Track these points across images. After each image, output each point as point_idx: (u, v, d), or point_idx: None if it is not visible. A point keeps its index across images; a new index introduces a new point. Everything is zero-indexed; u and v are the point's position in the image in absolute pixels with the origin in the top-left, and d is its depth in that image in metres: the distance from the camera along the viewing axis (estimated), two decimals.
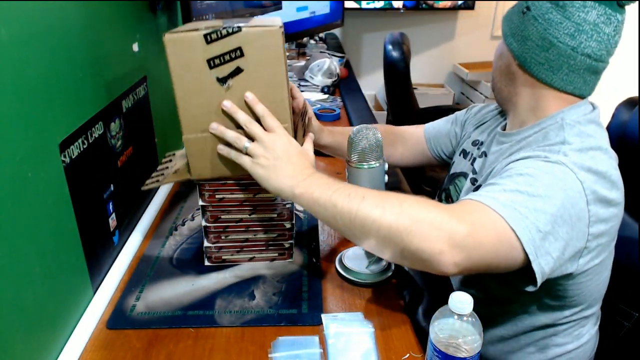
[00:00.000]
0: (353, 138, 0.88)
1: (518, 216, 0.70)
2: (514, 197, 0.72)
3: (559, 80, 0.83)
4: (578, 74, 0.82)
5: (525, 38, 0.83)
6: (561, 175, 0.74)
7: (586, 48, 0.80)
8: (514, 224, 0.69)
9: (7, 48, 0.62)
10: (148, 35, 1.17)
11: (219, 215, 0.94)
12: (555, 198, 0.72)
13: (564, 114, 0.84)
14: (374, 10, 3.85)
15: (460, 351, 0.63)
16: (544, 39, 0.81)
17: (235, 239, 0.97)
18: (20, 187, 0.65)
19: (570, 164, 0.75)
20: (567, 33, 0.80)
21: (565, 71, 0.82)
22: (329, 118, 1.85)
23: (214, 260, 0.98)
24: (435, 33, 4.07)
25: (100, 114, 0.89)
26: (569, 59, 0.81)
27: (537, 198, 0.72)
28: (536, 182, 0.73)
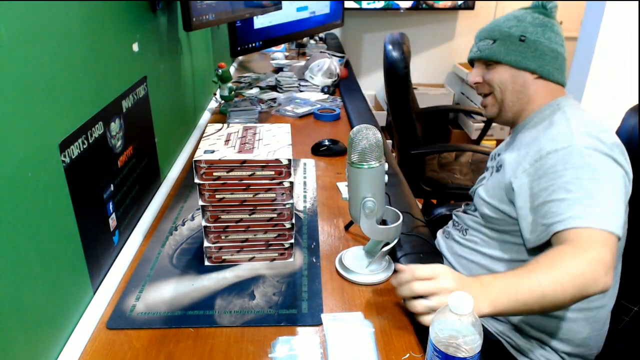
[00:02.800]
0: (353, 138, 0.88)
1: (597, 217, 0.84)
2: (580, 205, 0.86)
3: (563, 78, 1.07)
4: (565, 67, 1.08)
5: (542, 54, 1.03)
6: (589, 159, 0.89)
7: (565, 48, 1.07)
8: (601, 226, 0.84)
9: (7, 48, 0.62)
10: (148, 35, 1.17)
11: (219, 215, 0.94)
12: (601, 179, 0.88)
13: (559, 101, 1.04)
14: (374, 10, 3.85)
15: (460, 351, 0.63)
16: (552, 50, 1.04)
17: (235, 239, 0.97)
18: (20, 187, 0.65)
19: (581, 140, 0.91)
20: (560, 43, 1.05)
21: (564, 69, 1.07)
22: (329, 118, 1.85)
23: (214, 260, 0.98)
24: (435, 33, 4.07)
25: (100, 114, 0.89)
26: (565, 59, 1.06)
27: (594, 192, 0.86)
28: (582, 182, 0.88)
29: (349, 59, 2.73)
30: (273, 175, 0.92)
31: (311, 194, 1.28)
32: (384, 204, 0.94)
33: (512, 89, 1.06)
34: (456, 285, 0.79)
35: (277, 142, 0.97)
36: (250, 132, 1.03)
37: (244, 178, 0.91)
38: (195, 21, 1.25)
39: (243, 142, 0.97)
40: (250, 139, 0.99)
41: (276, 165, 0.91)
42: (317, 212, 1.19)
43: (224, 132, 1.03)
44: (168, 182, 1.30)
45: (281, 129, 1.06)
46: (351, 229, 1.13)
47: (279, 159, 0.91)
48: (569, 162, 0.90)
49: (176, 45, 1.45)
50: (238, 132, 1.03)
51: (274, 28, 2.18)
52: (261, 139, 0.99)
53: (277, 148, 0.94)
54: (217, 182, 0.91)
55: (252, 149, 0.94)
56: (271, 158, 0.90)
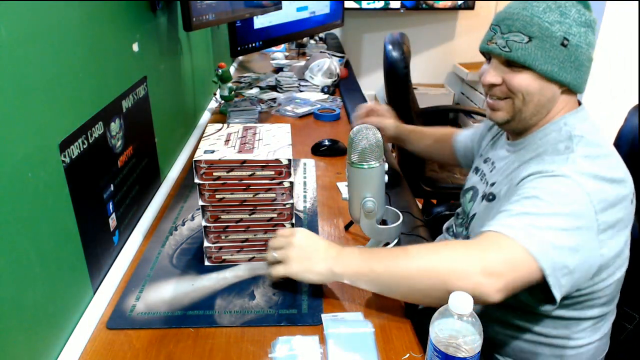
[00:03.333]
0: (353, 138, 0.88)
1: (528, 236, 0.76)
2: (522, 219, 0.78)
3: (585, 85, 0.92)
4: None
5: (580, 65, 0.88)
6: (565, 190, 0.79)
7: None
8: (526, 244, 0.75)
9: (7, 48, 0.62)
10: (148, 35, 1.17)
11: (219, 215, 0.94)
12: (561, 214, 0.77)
13: (566, 119, 0.91)
14: (374, 10, 3.85)
15: (460, 351, 0.63)
16: (589, 59, 0.89)
17: (235, 239, 0.97)
18: (20, 187, 0.65)
19: (575, 175, 0.79)
20: (594, 45, 0.89)
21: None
22: (329, 118, 1.85)
23: (214, 260, 0.98)
24: (435, 33, 4.07)
25: (100, 114, 0.89)
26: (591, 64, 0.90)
27: (544, 216, 0.77)
28: (541, 202, 0.79)
29: (349, 59, 2.73)
30: (273, 175, 0.91)
31: (311, 194, 1.28)
32: (384, 204, 0.94)
33: (537, 101, 0.89)
34: (306, 243, 0.86)
35: (277, 142, 0.97)
36: (250, 132, 1.03)
37: (244, 178, 0.91)
38: (195, 21, 1.25)
39: (243, 142, 0.97)
40: (251, 139, 0.98)
41: (276, 165, 0.91)
42: (317, 212, 1.19)
43: (224, 132, 1.03)
44: (168, 182, 1.30)
45: (281, 129, 1.05)
46: (351, 229, 1.13)
47: (279, 159, 0.90)
48: (542, 183, 0.81)
49: (176, 45, 1.45)
50: (238, 132, 1.03)
51: (274, 28, 2.18)
52: (261, 139, 0.99)
53: (277, 148, 0.94)
54: (217, 182, 0.91)
55: (252, 149, 0.93)
56: (271, 158, 0.90)
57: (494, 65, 0.91)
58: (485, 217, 0.95)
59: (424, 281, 0.78)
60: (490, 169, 1.05)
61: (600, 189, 0.79)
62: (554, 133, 0.90)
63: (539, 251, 0.75)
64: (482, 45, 0.93)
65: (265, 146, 0.95)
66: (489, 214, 0.93)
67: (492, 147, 1.10)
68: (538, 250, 0.75)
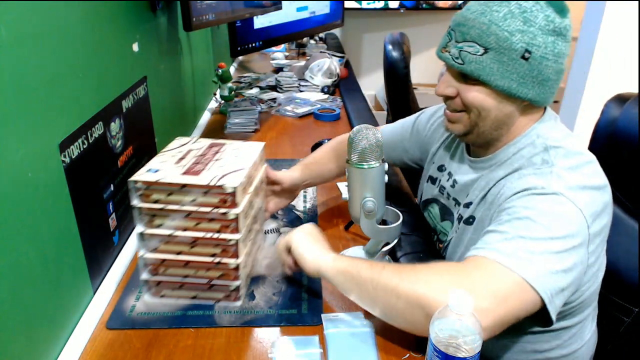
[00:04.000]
0: (353, 138, 0.88)
1: (524, 263, 0.70)
2: (516, 244, 0.72)
3: (553, 97, 0.83)
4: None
5: (544, 80, 0.79)
6: (560, 209, 0.74)
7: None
8: (522, 273, 0.69)
9: (7, 48, 0.62)
10: (148, 35, 1.17)
11: (158, 244, 0.83)
12: (558, 237, 0.72)
13: (537, 130, 0.84)
14: (374, 10, 3.85)
15: (460, 351, 0.63)
16: (558, 72, 0.79)
17: (174, 273, 0.85)
18: (20, 187, 0.65)
19: (568, 191, 0.75)
20: (567, 54, 0.79)
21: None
22: (329, 118, 1.85)
23: (154, 294, 0.88)
24: (435, 33, 4.07)
25: (100, 114, 0.89)
26: (563, 74, 0.81)
27: (540, 241, 0.72)
28: (536, 225, 0.73)
29: (349, 59, 2.73)
30: (216, 203, 0.80)
31: (311, 194, 1.28)
32: (384, 204, 0.94)
33: (495, 117, 0.82)
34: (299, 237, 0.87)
35: (234, 164, 0.86)
36: (213, 150, 0.92)
37: (185, 204, 0.80)
38: (195, 21, 1.25)
39: (198, 161, 0.87)
40: (208, 158, 0.88)
41: (219, 193, 0.79)
42: (317, 212, 1.19)
43: (186, 147, 0.93)
44: None
45: (251, 148, 0.95)
46: (351, 229, 1.13)
47: (223, 186, 0.79)
48: (535, 202, 0.75)
49: (176, 45, 1.45)
50: (201, 149, 0.93)
51: (274, 28, 2.18)
52: (220, 159, 0.89)
53: (228, 171, 0.83)
54: (156, 207, 0.80)
55: (201, 171, 0.83)
56: (214, 184, 0.79)
57: (448, 76, 0.84)
58: (464, 240, 0.90)
59: (403, 300, 0.72)
60: (450, 183, 0.98)
61: (590, 200, 0.75)
62: (529, 147, 0.83)
63: (538, 280, 0.69)
64: (438, 51, 0.85)
65: (218, 168, 0.85)
66: (469, 236, 0.89)
67: (446, 154, 1.02)
68: (536, 280, 0.69)
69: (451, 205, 0.98)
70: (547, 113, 0.87)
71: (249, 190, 0.88)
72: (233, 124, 1.70)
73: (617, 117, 1.07)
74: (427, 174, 1.09)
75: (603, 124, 1.10)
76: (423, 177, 1.11)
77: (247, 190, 0.86)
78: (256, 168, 0.94)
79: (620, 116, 1.07)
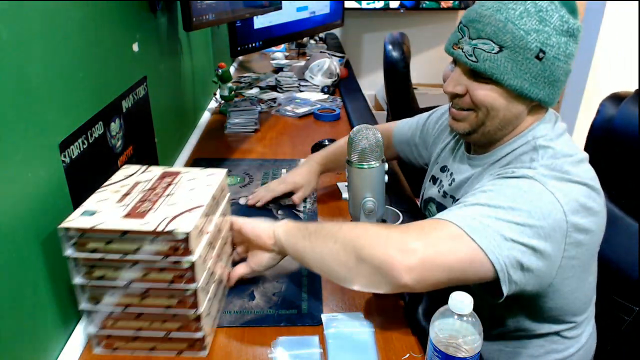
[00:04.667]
0: (353, 138, 0.88)
1: (478, 226, 0.69)
2: (474, 210, 0.71)
3: (558, 98, 0.83)
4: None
5: (555, 81, 0.78)
6: (527, 187, 0.73)
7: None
8: (473, 234, 0.68)
9: (7, 48, 0.62)
10: (148, 35, 1.17)
11: (101, 297, 0.72)
12: (521, 210, 0.70)
13: (535, 131, 0.84)
14: (374, 10, 3.85)
15: (460, 351, 0.63)
16: (567, 73, 0.79)
17: (125, 326, 0.74)
18: (20, 187, 0.65)
19: (539, 176, 0.74)
20: (575, 55, 0.79)
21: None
22: (329, 118, 1.85)
23: (105, 347, 0.76)
24: (435, 33, 4.07)
25: (100, 114, 0.89)
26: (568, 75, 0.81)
27: (499, 209, 0.70)
28: (499, 196, 0.72)
29: (349, 59, 2.73)
30: (166, 251, 0.67)
31: (311, 194, 1.28)
32: (384, 204, 0.94)
33: (503, 117, 0.82)
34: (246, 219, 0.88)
35: (188, 201, 0.73)
36: (165, 182, 0.79)
37: (129, 252, 0.68)
38: (195, 21, 1.25)
39: (145, 197, 0.74)
40: (159, 193, 0.76)
41: (169, 240, 0.67)
42: (317, 212, 1.19)
43: (133, 178, 0.81)
44: None
45: (211, 178, 0.82)
46: None
47: (173, 232, 0.66)
48: (502, 181, 0.75)
49: (176, 45, 1.45)
50: (151, 181, 0.80)
51: (274, 28, 2.18)
52: (172, 193, 0.76)
53: (180, 211, 0.70)
54: (94, 256, 0.68)
55: (147, 212, 0.70)
56: (162, 229, 0.66)
57: (458, 73, 0.83)
58: None
59: (339, 246, 0.72)
60: (449, 181, 0.98)
61: (568, 189, 0.73)
62: (523, 146, 0.83)
63: (486, 242, 0.67)
64: (447, 47, 0.84)
65: (168, 207, 0.71)
66: None
67: (449, 155, 1.03)
68: (484, 240, 0.67)
69: (448, 204, 0.99)
70: (549, 113, 0.87)
71: (208, 229, 0.75)
72: (233, 124, 1.70)
73: (613, 116, 1.07)
74: (430, 173, 1.09)
75: (599, 123, 1.10)
76: (426, 176, 1.12)
77: (205, 230, 0.73)
78: (217, 202, 0.81)
79: (616, 115, 1.07)
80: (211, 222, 0.77)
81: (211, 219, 0.77)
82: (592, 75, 2.44)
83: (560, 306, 0.82)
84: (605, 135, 1.07)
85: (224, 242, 0.86)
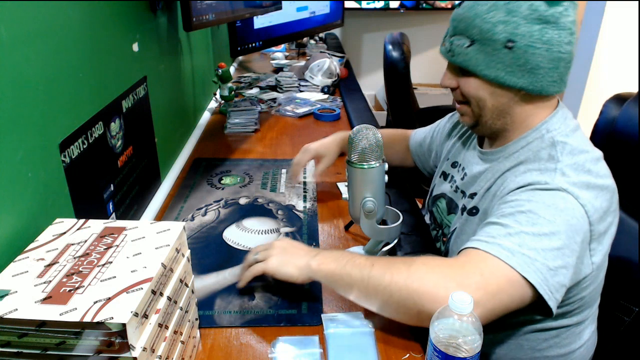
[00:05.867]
0: (353, 138, 0.88)
1: (527, 260, 0.72)
2: (519, 240, 0.73)
3: (563, 86, 0.84)
4: (568, 72, 0.83)
5: (535, 68, 0.79)
6: (563, 204, 0.75)
7: (574, 44, 0.82)
8: (522, 270, 0.71)
9: (7, 48, 0.62)
10: (148, 35, 1.17)
11: None
12: (560, 232, 0.73)
13: (548, 125, 0.85)
14: (374, 10, 3.85)
15: (460, 351, 0.63)
16: (552, 60, 0.80)
17: None
18: (20, 187, 0.65)
19: (571, 187, 0.76)
20: (567, 42, 0.80)
21: (566, 75, 0.83)
22: (329, 118, 1.85)
23: None
24: (435, 33, 4.07)
25: (100, 114, 0.89)
26: (569, 62, 0.82)
27: (543, 237, 0.73)
28: (539, 219, 0.74)
29: (349, 59, 2.73)
30: (97, 347, 0.52)
31: (311, 194, 1.28)
32: (384, 204, 0.94)
33: (492, 107, 0.85)
34: (288, 244, 0.86)
35: (128, 275, 0.57)
36: (106, 243, 0.63)
37: (49, 348, 0.52)
38: (195, 21, 1.25)
39: (75, 268, 0.58)
40: (93, 261, 0.59)
41: (101, 332, 0.51)
42: (317, 212, 1.19)
43: (65, 238, 0.64)
44: (168, 182, 1.30)
45: (163, 237, 0.65)
46: (351, 229, 1.13)
47: (104, 323, 0.50)
48: (538, 197, 0.76)
49: (176, 45, 1.45)
50: (86, 242, 0.63)
51: (274, 28, 2.18)
52: (110, 261, 0.59)
53: (116, 291, 0.54)
54: (7, 350, 0.52)
55: (73, 292, 0.54)
56: (89, 319, 0.50)
57: (450, 68, 0.89)
58: (468, 231, 0.91)
59: (396, 297, 0.73)
60: (461, 176, 0.99)
61: (595, 198, 0.77)
62: (537, 141, 0.85)
63: (536, 278, 0.71)
64: (440, 47, 0.91)
65: (102, 284, 0.55)
66: (472, 228, 0.89)
67: (461, 150, 1.04)
68: (535, 277, 0.71)
69: (457, 198, 0.99)
70: (560, 107, 0.87)
71: (158, 307, 0.58)
72: (233, 124, 1.70)
73: (615, 117, 1.07)
74: (440, 170, 1.10)
75: (602, 124, 1.11)
76: (436, 173, 1.13)
77: (152, 311, 0.57)
78: (170, 270, 0.64)
79: (619, 116, 1.07)
80: (162, 297, 0.60)
81: (162, 293, 0.60)
82: (592, 76, 2.44)
83: (570, 299, 0.84)
84: (607, 136, 1.07)
85: (187, 301, 0.70)
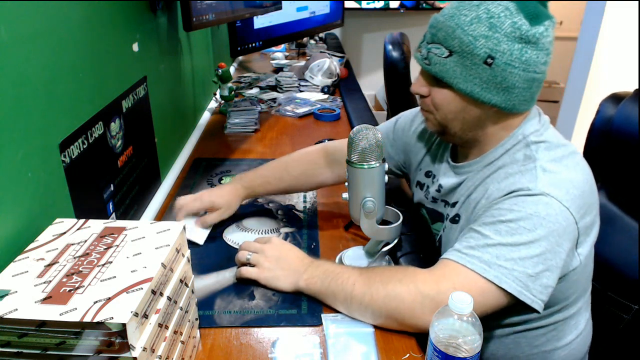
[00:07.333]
0: (353, 138, 0.88)
1: (504, 272, 0.74)
2: (497, 252, 0.74)
3: (532, 104, 0.84)
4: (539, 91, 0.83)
5: (510, 87, 0.78)
6: (545, 211, 0.75)
7: (549, 65, 0.80)
8: (499, 282, 0.73)
9: (7, 48, 0.62)
10: (148, 35, 1.17)
11: None
12: (540, 239, 0.74)
13: (523, 129, 0.84)
14: (374, 10, 3.85)
15: (460, 351, 0.63)
16: (527, 80, 0.78)
17: None
18: (20, 187, 0.65)
19: (554, 190, 0.76)
20: (543, 62, 0.78)
21: (537, 94, 0.82)
22: (329, 118, 1.85)
23: None
24: None
25: (100, 114, 0.89)
26: (542, 82, 0.81)
27: (521, 247, 0.74)
28: (519, 229, 0.74)
29: (349, 59, 2.73)
30: (98, 347, 0.52)
31: (311, 194, 1.28)
32: (384, 204, 0.94)
33: (463, 119, 0.83)
34: (279, 254, 0.90)
35: (128, 275, 0.57)
36: (106, 243, 0.63)
37: (49, 348, 0.52)
38: (195, 21, 1.25)
39: (75, 268, 0.58)
40: (93, 261, 0.59)
41: (101, 332, 0.51)
42: (317, 212, 1.19)
43: (65, 238, 0.64)
44: (168, 182, 1.30)
45: (163, 237, 0.65)
46: (351, 229, 1.13)
47: (104, 323, 0.50)
48: (521, 205, 0.75)
49: (176, 45, 1.45)
50: (86, 242, 0.63)
51: (274, 28, 2.18)
52: (110, 261, 0.59)
53: (116, 291, 0.54)
54: (7, 350, 0.52)
55: (73, 292, 0.54)
56: (89, 319, 0.50)
57: (423, 75, 0.85)
58: (452, 239, 0.90)
59: (377, 314, 0.80)
60: (436, 187, 0.97)
61: (577, 195, 0.76)
62: (514, 146, 0.84)
63: (515, 286, 0.73)
64: (414, 51, 0.87)
65: (102, 284, 0.55)
66: (456, 235, 0.89)
67: (433, 160, 1.01)
68: (513, 285, 0.73)
69: (440, 207, 0.98)
70: (532, 111, 0.87)
71: (158, 307, 0.59)
72: (233, 124, 1.70)
73: (612, 116, 1.08)
74: (415, 179, 1.07)
75: (598, 123, 1.11)
76: (412, 182, 1.10)
77: (152, 310, 0.57)
78: (170, 269, 0.64)
79: (615, 115, 1.07)
80: (162, 297, 0.60)
81: (162, 293, 0.60)
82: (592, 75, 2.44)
83: (562, 297, 0.85)
84: (604, 136, 1.07)
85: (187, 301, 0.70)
